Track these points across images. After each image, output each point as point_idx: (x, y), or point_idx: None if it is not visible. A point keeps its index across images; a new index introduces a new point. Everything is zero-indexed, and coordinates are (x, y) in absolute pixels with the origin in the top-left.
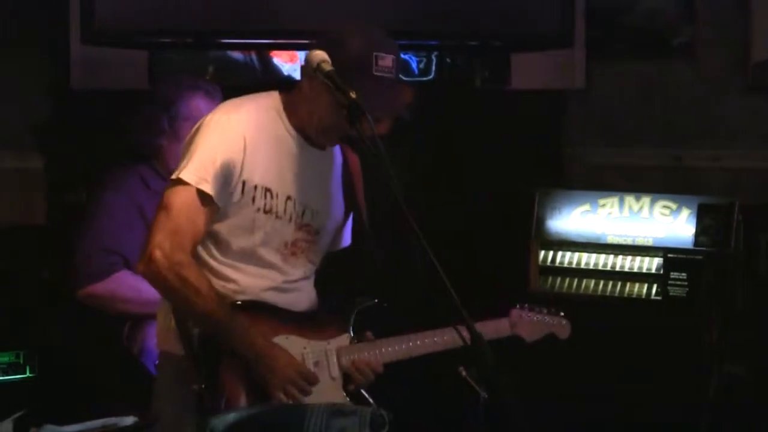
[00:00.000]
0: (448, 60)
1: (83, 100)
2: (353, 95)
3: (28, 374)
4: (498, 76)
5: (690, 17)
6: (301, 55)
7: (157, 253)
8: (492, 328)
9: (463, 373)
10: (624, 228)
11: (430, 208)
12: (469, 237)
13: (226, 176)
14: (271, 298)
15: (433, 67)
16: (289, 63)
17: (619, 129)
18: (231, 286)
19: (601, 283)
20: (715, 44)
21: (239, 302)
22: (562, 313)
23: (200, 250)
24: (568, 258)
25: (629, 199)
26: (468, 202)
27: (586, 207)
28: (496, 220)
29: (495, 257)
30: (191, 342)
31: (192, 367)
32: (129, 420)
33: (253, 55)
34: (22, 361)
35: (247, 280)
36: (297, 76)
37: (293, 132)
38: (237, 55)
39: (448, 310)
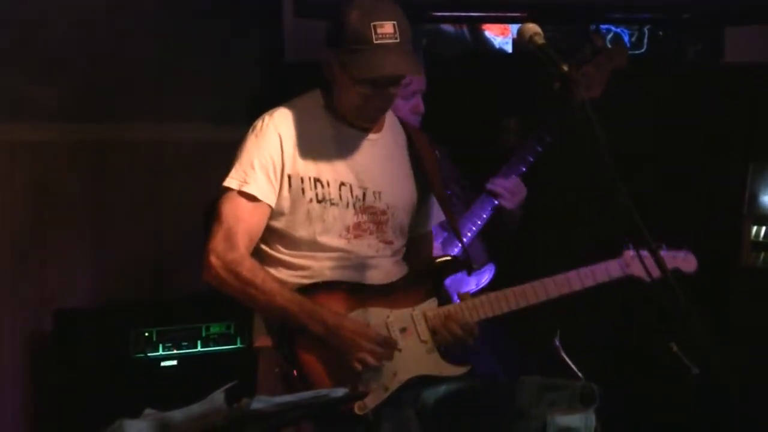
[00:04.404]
0: (660, 33)
1: (297, 72)
2: (565, 68)
3: (238, 345)
4: (711, 50)
5: None
6: (512, 29)
7: (212, 258)
8: (602, 271)
9: (674, 348)
10: None
11: (642, 182)
12: (681, 210)
13: (267, 175)
14: (344, 276)
15: (645, 41)
16: (500, 36)
17: None
18: (303, 272)
19: None
20: None
21: (311, 284)
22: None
23: (267, 248)
24: None
25: None
26: (681, 176)
27: None
28: (709, 194)
29: (707, 231)
30: (273, 331)
31: (277, 354)
32: (340, 392)
33: (465, 28)
34: (233, 332)
35: (317, 265)
36: (508, 49)
37: (337, 122)
38: (449, 27)
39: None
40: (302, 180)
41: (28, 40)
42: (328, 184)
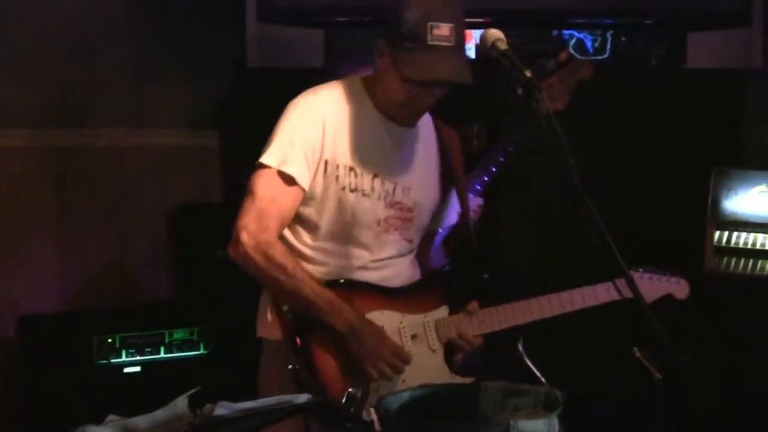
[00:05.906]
0: (623, 39)
1: (259, 78)
2: (528, 73)
3: (202, 351)
4: (674, 55)
5: None
6: (476, 34)
7: (243, 235)
8: (604, 291)
9: (637, 353)
10: None
11: (605, 187)
12: (644, 216)
13: (306, 157)
14: (362, 276)
15: (609, 46)
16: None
17: None
18: (321, 269)
19: None
20: None
21: (330, 281)
22: (680, 274)
23: (290, 236)
24: (743, 239)
25: None
26: (643, 182)
27: (763, 187)
28: (671, 199)
29: (670, 237)
30: (285, 323)
31: (288, 348)
32: (303, 397)
33: None
34: (196, 338)
35: (336, 262)
36: (471, 54)
37: (377, 112)
38: None
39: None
40: (338, 167)
41: None
42: (362, 175)
